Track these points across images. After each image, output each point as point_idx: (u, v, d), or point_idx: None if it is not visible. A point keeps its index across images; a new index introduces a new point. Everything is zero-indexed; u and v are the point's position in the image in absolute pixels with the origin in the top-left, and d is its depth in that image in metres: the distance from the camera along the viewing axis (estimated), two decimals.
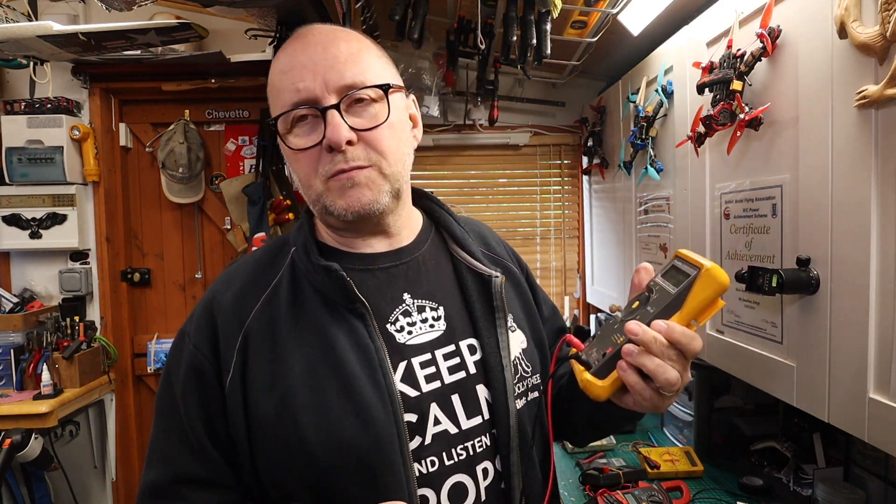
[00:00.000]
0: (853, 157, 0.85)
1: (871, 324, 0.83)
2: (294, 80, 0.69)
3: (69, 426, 2.36)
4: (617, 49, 2.02)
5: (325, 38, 0.72)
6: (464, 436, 0.72)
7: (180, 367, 0.72)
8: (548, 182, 2.61)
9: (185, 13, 2.20)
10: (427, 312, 0.77)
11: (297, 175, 0.75)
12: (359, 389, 0.67)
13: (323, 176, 0.71)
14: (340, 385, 0.67)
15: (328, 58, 0.70)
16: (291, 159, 0.74)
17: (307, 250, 0.75)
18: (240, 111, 2.52)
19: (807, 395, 0.98)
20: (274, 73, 0.73)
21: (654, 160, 1.60)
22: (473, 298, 0.79)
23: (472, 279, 0.80)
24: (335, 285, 0.71)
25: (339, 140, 0.68)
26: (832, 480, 1.25)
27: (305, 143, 0.71)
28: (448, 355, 0.75)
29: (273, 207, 2.36)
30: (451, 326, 0.77)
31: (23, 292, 2.35)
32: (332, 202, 0.71)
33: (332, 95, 0.69)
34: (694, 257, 0.63)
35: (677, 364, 0.60)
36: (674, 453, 1.56)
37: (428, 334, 0.75)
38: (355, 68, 0.70)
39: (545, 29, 1.51)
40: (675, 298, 0.61)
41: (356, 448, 0.65)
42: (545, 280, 2.63)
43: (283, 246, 0.80)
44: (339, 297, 0.71)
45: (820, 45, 0.92)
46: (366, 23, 1.69)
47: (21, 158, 2.24)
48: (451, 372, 0.74)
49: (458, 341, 0.76)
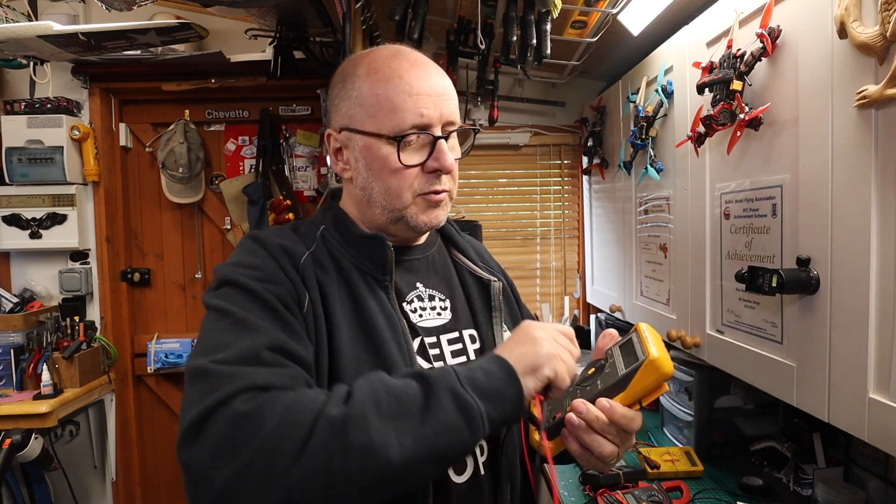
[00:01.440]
0: (853, 157, 0.85)
1: (871, 324, 0.83)
2: (419, 105, 0.77)
3: (69, 426, 2.36)
4: (617, 49, 2.02)
5: (439, 73, 0.82)
6: None
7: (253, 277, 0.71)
8: (548, 182, 2.61)
9: (185, 13, 2.20)
10: (436, 301, 0.87)
11: (386, 185, 0.80)
12: (387, 350, 0.74)
13: (416, 192, 0.79)
14: (371, 344, 0.74)
15: (444, 91, 0.80)
16: (386, 171, 0.79)
17: (342, 227, 0.83)
18: (240, 111, 2.52)
19: (807, 395, 0.98)
20: (393, 90, 0.78)
21: (654, 160, 1.60)
22: (474, 297, 0.90)
23: (472, 281, 0.92)
24: (376, 255, 0.79)
25: (451, 167, 0.79)
26: (832, 480, 1.25)
27: (416, 160, 0.79)
28: (452, 341, 0.84)
29: (273, 207, 2.36)
30: (455, 316, 0.87)
31: (23, 292, 2.35)
32: (415, 216, 0.81)
33: (440, 127, 0.79)
34: (646, 341, 0.67)
35: (616, 439, 0.68)
36: (674, 453, 1.56)
37: (436, 320, 0.85)
38: (455, 106, 0.82)
39: (545, 29, 1.51)
40: (620, 380, 0.67)
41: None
42: (545, 280, 2.63)
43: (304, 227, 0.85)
44: (374, 268, 0.80)
45: (820, 45, 0.92)
46: (366, 23, 1.68)
47: (21, 158, 2.24)
48: (454, 356, 0.83)
49: (461, 330, 0.86)
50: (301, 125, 2.54)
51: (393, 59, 0.80)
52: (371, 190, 0.81)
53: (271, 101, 2.48)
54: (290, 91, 2.42)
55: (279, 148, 2.48)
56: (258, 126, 2.46)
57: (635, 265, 1.86)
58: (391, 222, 0.82)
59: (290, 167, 2.52)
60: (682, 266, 1.47)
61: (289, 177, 2.50)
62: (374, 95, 0.78)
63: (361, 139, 0.80)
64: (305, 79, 2.20)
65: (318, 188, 2.48)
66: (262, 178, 2.36)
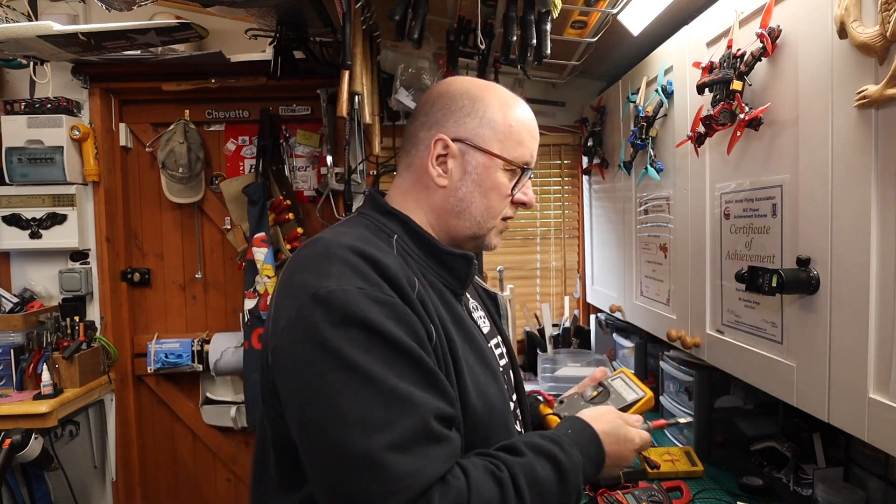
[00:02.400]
0: (853, 157, 0.85)
1: (871, 324, 0.83)
2: (532, 148, 0.91)
3: (69, 426, 2.36)
4: (617, 49, 2.02)
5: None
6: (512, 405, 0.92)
7: (382, 314, 0.66)
8: (548, 182, 2.61)
9: (185, 13, 2.20)
10: (480, 311, 0.97)
11: (487, 204, 0.87)
12: (488, 358, 0.84)
13: (501, 216, 0.89)
14: (477, 355, 0.81)
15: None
16: (495, 193, 0.87)
17: (423, 241, 0.85)
18: (240, 111, 2.52)
19: (807, 395, 0.98)
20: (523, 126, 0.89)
21: (654, 160, 1.60)
22: (490, 308, 1.03)
23: (483, 293, 1.04)
24: (461, 271, 0.86)
25: (533, 203, 0.94)
26: (832, 480, 1.25)
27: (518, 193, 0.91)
28: (496, 345, 0.95)
29: (273, 207, 2.36)
30: (490, 324, 0.98)
31: (23, 292, 2.35)
32: (491, 238, 0.90)
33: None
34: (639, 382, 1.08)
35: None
36: (674, 453, 1.56)
37: (486, 326, 0.95)
38: None
39: (545, 29, 1.51)
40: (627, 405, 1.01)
41: (498, 404, 0.80)
42: (545, 280, 2.63)
43: (383, 234, 0.83)
44: (454, 283, 0.86)
45: (820, 45, 0.92)
46: (366, 23, 1.68)
47: (21, 158, 2.24)
48: (500, 357, 0.93)
49: (496, 335, 0.97)
50: (301, 125, 2.54)
51: (520, 102, 0.92)
52: (470, 204, 0.86)
53: (271, 101, 2.48)
54: (290, 91, 2.42)
55: (279, 148, 2.48)
56: (258, 126, 2.45)
57: (635, 265, 1.86)
58: (471, 238, 0.88)
59: (290, 167, 2.52)
60: (682, 266, 1.47)
61: (289, 177, 2.50)
62: (508, 126, 0.87)
63: (482, 157, 0.85)
64: (305, 79, 2.20)
65: (318, 188, 2.48)
66: (262, 178, 2.36)
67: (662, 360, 1.76)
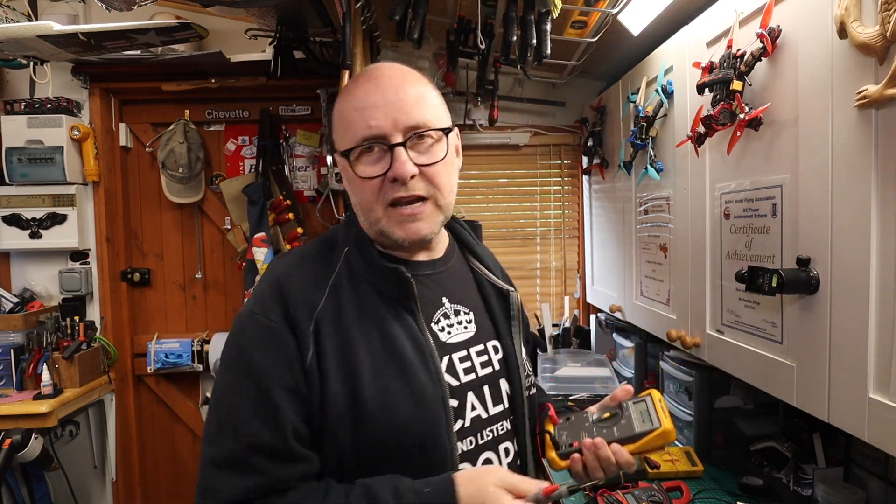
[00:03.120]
0: (853, 157, 0.85)
1: (871, 324, 0.83)
2: (367, 118, 0.79)
3: (69, 426, 2.36)
4: (617, 49, 2.02)
5: (395, 82, 0.81)
6: (490, 420, 0.86)
7: (257, 340, 0.77)
8: (548, 182, 2.61)
9: (185, 13, 2.20)
10: (462, 316, 0.90)
11: (359, 199, 0.83)
12: (415, 375, 0.78)
13: (384, 203, 0.80)
14: (399, 371, 0.78)
15: (398, 100, 0.79)
16: (355, 186, 0.83)
17: (365, 252, 0.85)
18: (240, 111, 2.52)
19: (807, 395, 0.98)
20: (346, 107, 0.82)
21: (654, 160, 1.60)
22: (494, 307, 0.93)
23: (492, 290, 0.94)
24: (398, 285, 0.81)
25: (405, 174, 0.78)
26: (832, 480, 1.25)
27: (372, 172, 0.80)
28: (479, 353, 0.88)
29: (273, 207, 2.36)
30: (479, 329, 0.90)
31: (23, 292, 2.35)
32: (392, 231, 0.82)
33: (399, 134, 0.79)
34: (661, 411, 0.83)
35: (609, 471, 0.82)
36: (674, 453, 1.56)
37: (463, 334, 0.88)
38: (421, 110, 0.80)
39: (545, 29, 1.51)
40: (635, 435, 0.82)
41: (411, 426, 0.76)
42: (545, 280, 2.63)
43: (333, 246, 0.88)
44: (398, 295, 0.82)
45: (820, 45, 0.92)
46: (366, 23, 1.68)
47: (21, 158, 2.24)
48: (483, 367, 0.88)
49: (485, 342, 0.90)
50: (301, 125, 2.54)
51: (357, 78, 0.85)
52: (357, 207, 0.85)
53: (271, 101, 2.48)
54: (290, 91, 2.42)
55: (279, 148, 2.48)
56: (258, 126, 2.46)
57: (635, 265, 1.86)
58: (379, 236, 0.84)
59: (290, 167, 2.52)
60: (682, 266, 1.47)
61: (289, 177, 2.50)
62: (337, 115, 0.84)
63: (340, 160, 0.84)
64: (305, 79, 2.20)
65: (318, 188, 2.48)
66: (262, 178, 2.36)
67: (662, 360, 1.76)
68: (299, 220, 2.41)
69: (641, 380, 2.06)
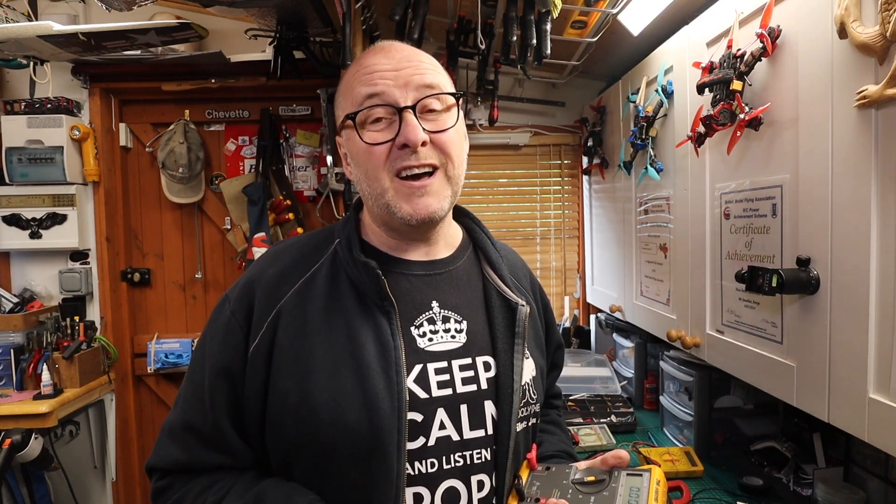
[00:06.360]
0: (853, 157, 0.85)
1: (871, 324, 0.83)
2: (374, 79, 0.75)
3: (69, 426, 2.36)
4: (617, 49, 2.02)
5: (408, 51, 0.79)
6: (463, 444, 0.75)
7: (216, 325, 0.80)
8: (548, 182, 2.61)
9: (185, 13, 2.20)
10: (451, 323, 0.81)
11: (364, 169, 0.77)
12: (371, 380, 0.72)
13: (391, 172, 0.75)
14: (355, 373, 0.72)
15: (409, 65, 0.76)
16: (361, 155, 0.77)
17: (350, 245, 0.80)
18: (240, 111, 2.52)
19: (807, 395, 0.98)
20: (353, 73, 0.79)
21: (654, 160, 1.60)
22: (497, 320, 0.82)
23: (498, 302, 0.84)
24: (370, 281, 0.76)
25: (416, 139, 0.73)
26: (832, 480, 1.25)
27: (380, 138, 0.75)
28: (464, 367, 0.79)
29: (273, 207, 2.36)
30: (470, 341, 0.81)
31: (23, 292, 2.35)
32: (398, 206, 0.75)
33: (409, 96, 0.74)
34: (655, 494, 0.70)
35: None
36: (674, 453, 1.56)
37: (448, 344, 0.79)
38: (435, 75, 0.78)
39: (545, 29, 1.51)
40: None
41: (357, 433, 0.70)
42: (545, 280, 2.63)
43: (330, 236, 0.85)
44: (372, 292, 0.76)
45: (820, 45, 0.92)
46: (366, 23, 1.68)
47: (21, 158, 2.24)
48: (464, 383, 0.77)
49: (475, 356, 0.80)
50: (301, 125, 2.54)
51: (366, 52, 0.81)
52: (361, 183, 0.79)
53: (271, 101, 2.48)
54: (290, 91, 2.42)
55: (279, 148, 2.48)
56: (258, 126, 2.46)
57: (635, 265, 1.86)
58: (383, 212, 0.78)
59: (290, 167, 2.52)
60: (682, 266, 1.47)
61: (289, 177, 2.50)
62: (344, 84, 0.80)
63: (345, 133, 0.80)
64: (305, 79, 2.20)
65: (318, 188, 2.48)
66: (262, 178, 2.36)
67: (662, 360, 1.76)
68: (299, 220, 2.41)
69: (641, 380, 2.06)
